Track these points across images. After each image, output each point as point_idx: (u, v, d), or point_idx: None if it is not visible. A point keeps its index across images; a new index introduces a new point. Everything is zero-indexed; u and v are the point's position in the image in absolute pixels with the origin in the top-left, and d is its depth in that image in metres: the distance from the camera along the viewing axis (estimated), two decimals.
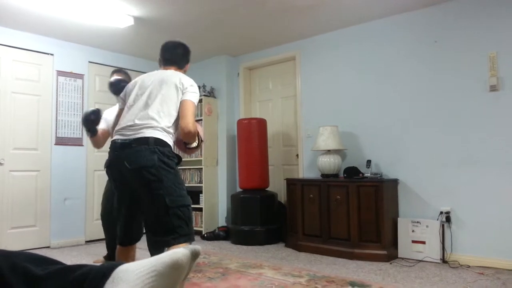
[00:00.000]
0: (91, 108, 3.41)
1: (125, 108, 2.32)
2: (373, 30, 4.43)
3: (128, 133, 2.18)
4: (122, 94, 2.45)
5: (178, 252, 1.00)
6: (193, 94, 2.29)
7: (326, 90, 4.80)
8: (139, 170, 2.08)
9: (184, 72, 2.49)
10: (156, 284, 0.96)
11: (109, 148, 2.26)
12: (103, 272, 0.99)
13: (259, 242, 4.70)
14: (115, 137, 2.23)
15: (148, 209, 2.14)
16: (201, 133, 2.42)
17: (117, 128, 2.27)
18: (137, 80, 2.40)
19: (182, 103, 2.25)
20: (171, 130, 2.24)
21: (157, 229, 2.09)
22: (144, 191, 2.12)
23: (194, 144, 2.38)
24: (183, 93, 2.27)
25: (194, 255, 1.04)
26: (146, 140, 2.12)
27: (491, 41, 3.67)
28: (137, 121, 2.19)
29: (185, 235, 2.09)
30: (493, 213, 3.57)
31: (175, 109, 2.25)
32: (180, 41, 2.57)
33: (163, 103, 2.22)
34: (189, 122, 2.19)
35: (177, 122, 2.26)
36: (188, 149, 2.44)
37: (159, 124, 2.18)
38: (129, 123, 2.20)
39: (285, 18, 4.35)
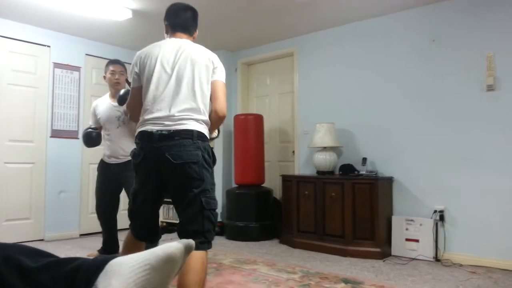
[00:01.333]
0: (91, 127, 3.60)
1: (149, 90, 2.04)
2: (371, 28, 4.43)
3: (167, 123, 1.96)
4: (136, 69, 2.12)
5: (172, 246, 1.00)
6: (223, 73, 2.15)
7: (323, 87, 4.80)
8: (182, 166, 1.92)
9: (193, 40, 2.26)
10: (149, 277, 0.96)
11: (139, 139, 2.04)
12: (97, 265, 0.99)
13: (253, 238, 4.71)
14: (147, 127, 2.00)
15: (182, 206, 1.99)
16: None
17: (148, 114, 2.02)
18: (153, 53, 2.08)
19: (214, 84, 2.09)
20: (209, 122, 2.09)
21: (188, 229, 1.96)
22: (182, 188, 1.96)
23: (215, 134, 2.23)
24: (213, 72, 2.09)
25: (188, 249, 1.04)
26: (190, 133, 1.96)
27: (488, 41, 3.68)
28: (174, 110, 1.97)
29: (210, 242, 1.99)
30: (487, 212, 3.59)
31: (209, 94, 2.09)
32: (186, 4, 2.31)
33: (198, 89, 2.02)
34: (224, 105, 2.07)
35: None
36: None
37: (199, 115, 2.01)
38: (163, 113, 1.98)
39: (284, 14, 4.34)
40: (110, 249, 3.71)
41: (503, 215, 3.52)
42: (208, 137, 2.07)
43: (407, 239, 3.88)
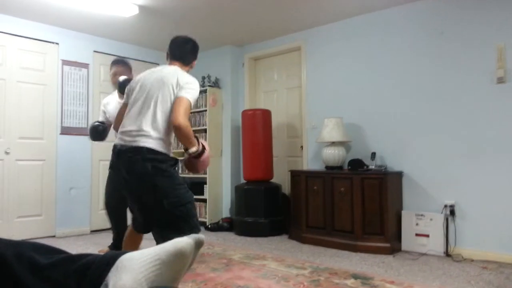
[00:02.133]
0: (97, 121, 3.62)
1: (128, 107, 2.37)
2: (379, 21, 4.38)
3: (127, 138, 2.25)
4: (127, 89, 2.47)
5: (182, 241, 1.01)
6: (188, 91, 2.25)
7: (331, 81, 4.77)
8: (134, 179, 2.19)
9: (191, 68, 2.55)
10: (160, 272, 0.97)
11: (112, 150, 2.35)
12: (107, 260, 1.01)
13: (262, 234, 4.71)
14: (116, 140, 2.33)
15: (148, 212, 2.25)
16: (204, 144, 2.41)
17: (120, 128, 2.34)
18: (141, 78, 2.41)
19: (175, 100, 2.23)
20: (165, 138, 2.27)
21: (161, 229, 2.22)
22: (142, 197, 2.23)
23: (194, 149, 2.27)
24: (178, 91, 2.24)
25: (198, 244, 1.05)
26: (139, 150, 2.18)
27: (498, 32, 3.62)
28: (133, 128, 2.25)
29: (189, 230, 2.09)
30: (498, 206, 3.55)
31: (170, 111, 2.25)
32: (190, 37, 2.59)
33: (157, 109, 2.23)
34: (177, 116, 2.15)
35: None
36: (193, 159, 2.34)
37: (152, 133, 2.21)
38: (128, 128, 2.27)
39: (291, 8, 4.30)
40: (121, 246, 3.73)
41: None
42: (164, 150, 2.25)
43: (417, 234, 3.85)
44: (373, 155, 4.21)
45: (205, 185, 5.44)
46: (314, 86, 4.93)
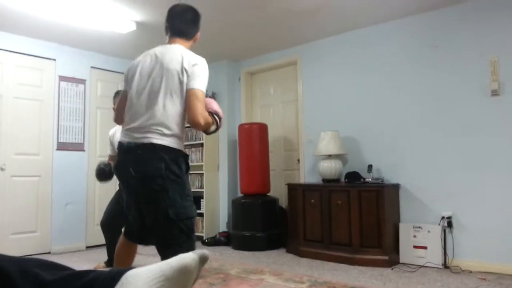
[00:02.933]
0: (102, 163, 3.65)
1: (129, 98, 2.12)
2: (374, 35, 4.44)
3: (135, 135, 2.03)
4: (125, 74, 2.22)
5: (187, 257, 1.00)
6: (198, 79, 2.02)
7: (327, 94, 4.80)
8: (143, 179, 1.97)
9: (194, 42, 2.28)
10: None
11: (117, 148, 2.17)
12: (112, 277, 1.00)
13: (260, 248, 4.68)
14: (122, 136, 2.11)
15: (150, 218, 2.03)
16: (218, 110, 2.18)
17: (126, 124, 2.11)
18: (140, 61, 2.15)
19: (187, 93, 2.01)
20: (179, 132, 2.06)
21: (159, 240, 2.01)
22: (147, 200, 2.01)
23: (213, 128, 2.14)
24: (187, 79, 2.01)
25: (203, 259, 1.05)
26: (152, 146, 1.97)
27: (492, 46, 3.67)
28: (142, 123, 2.02)
29: (188, 248, 1.92)
30: (495, 218, 3.56)
31: (181, 102, 2.04)
32: (189, 5, 2.29)
33: (167, 101, 2.01)
34: (196, 114, 1.97)
35: (185, 115, 2.07)
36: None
37: (165, 129, 2.00)
38: (136, 124, 2.04)
39: (286, 23, 4.36)
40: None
41: None
42: (179, 147, 2.05)
43: (415, 246, 3.84)
44: (370, 167, 4.22)
45: (201, 199, 5.42)
46: (310, 99, 4.97)
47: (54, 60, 4.89)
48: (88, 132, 5.10)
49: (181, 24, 2.21)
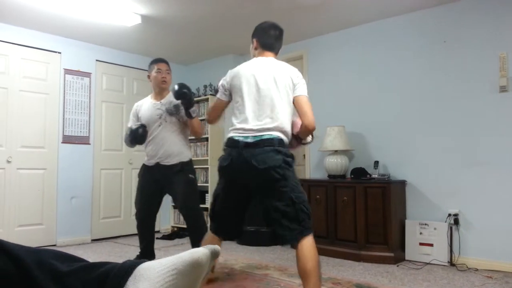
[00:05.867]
0: (137, 124, 3.37)
1: (240, 103, 2.41)
2: (381, 29, 4.39)
3: (252, 133, 2.30)
4: (226, 85, 2.51)
5: (198, 251, 1.02)
6: (304, 87, 2.42)
7: (333, 90, 4.76)
8: (267, 170, 2.21)
9: (276, 56, 2.56)
10: (177, 282, 0.99)
11: (227, 145, 2.39)
12: (126, 269, 1.03)
13: (265, 243, 4.67)
14: (234, 134, 2.36)
15: (271, 206, 2.27)
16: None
17: (240, 124, 2.37)
18: (244, 72, 2.45)
19: (297, 100, 2.37)
20: (289, 131, 2.39)
21: (283, 224, 2.24)
22: (268, 189, 2.26)
23: (309, 139, 2.49)
24: (295, 89, 2.39)
25: (214, 254, 1.07)
26: (271, 141, 2.26)
27: (501, 41, 3.62)
28: (259, 122, 2.31)
29: (309, 228, 2.25)
30: (503, 215, 3.53)
31: (291, 108, 2.40)
32: (274, 22, 2.63)
33: (279, 104, 2.34)
34: (312, 119, 2.34)
35: (290, 120, 2.42)
36: (300, 145, 2.55)
37: (279, 126, 2.31)
38: (250, 123, 2.33)
39: (292, 17, 4.32)
40: (148, 255, 3.47)
41: None
42: (287, 144, 2.38)
43: (421, 244, 3.82)
44: (376, 163, 4.19)
45: (206, 194, 5.41)
46: (316, 94, 4.92)
47: (60, 53, 4.88)
48: (93, 125, 5.10)
49: (273, 42, 2.56)
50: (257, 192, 2.36)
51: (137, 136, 3.30)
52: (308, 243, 2.20)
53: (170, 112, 3.39)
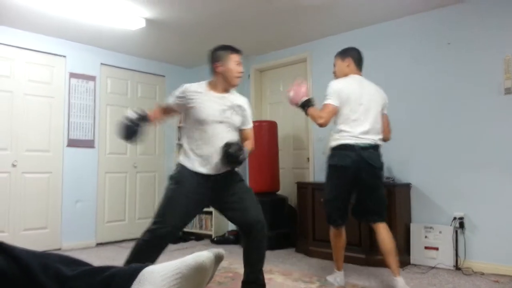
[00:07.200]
0: (135, 112, 2.78)
1: (345, 113, 3.00)
2: (385, 31, 4.37)
3: (367, 141, 2.96)
4: (337, 93, 3.06)
5: (202, 255, 1.03)
6: (387, 107, 3.23)
7: None
8: (376, 168, 2.96)
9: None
10: (181, 286, 1.00)
11: (343, 149, 2.95)
12: (130, 273, 1.04)
13: (269, 247, 4.61)
14: (350, 141, 2.94)
15: (372, 196, 3.00)
16: None
17: (349, 133, 2.96)
18: (351, 86, 3.06)
19: (384, 117, 3.18)
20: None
21: (376, 210, 3.02)
22: (373, 184, 2.97)
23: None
24: (384, 107, 3.18)
25: (218, 258, 1.08)
26: (378, 147, 3.04)
27: (506, 43, 3.60)
28: (368, 131, 2.97)
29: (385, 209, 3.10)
30: (509, 219, 3.50)
31: (381, 121, 3.13)
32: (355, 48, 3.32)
33: (378, 117, 3.08)
34: (390, 134, 3.31)
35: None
36: None
37: (380, 135, 3.09)
38: (362, 131, 2.96)
39: (296, 19, 4.32)
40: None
41: None
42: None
43: (426, 247, 3.79)
44: None
45: None
46: (320, 97, 4.90)
47: (64, 56, 4.91)
48: (98, 129, 5.12)
49: (362, 63, 3.32)
50: (362, 185, 3.00)
51: (136, 132, 2.74)
52: (386, 228, 3.01)
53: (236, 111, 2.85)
